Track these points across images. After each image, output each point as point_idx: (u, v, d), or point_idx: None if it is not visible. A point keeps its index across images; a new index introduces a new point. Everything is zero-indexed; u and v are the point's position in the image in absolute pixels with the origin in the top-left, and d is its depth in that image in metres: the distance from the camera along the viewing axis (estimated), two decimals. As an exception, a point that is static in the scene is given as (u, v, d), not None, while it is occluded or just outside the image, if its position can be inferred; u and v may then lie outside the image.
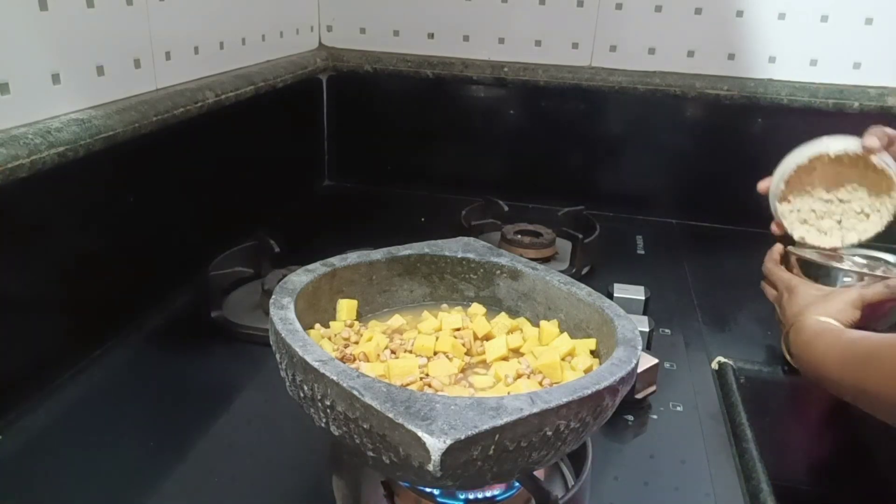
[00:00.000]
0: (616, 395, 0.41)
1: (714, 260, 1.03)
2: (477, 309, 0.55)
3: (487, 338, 0.51)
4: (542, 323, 0.52)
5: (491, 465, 0.36)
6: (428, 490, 0.47)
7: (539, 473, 0.49)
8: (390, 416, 0.35)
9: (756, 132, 1.10)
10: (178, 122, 0.77)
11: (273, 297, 0.46)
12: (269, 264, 0.82)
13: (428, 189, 1.22)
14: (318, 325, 0.49)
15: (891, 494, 0.76)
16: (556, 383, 0.44)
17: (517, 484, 0.48)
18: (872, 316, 0.66)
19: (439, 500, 0.47)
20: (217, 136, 0.90)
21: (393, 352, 0.47)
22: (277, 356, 0.43)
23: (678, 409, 0.66)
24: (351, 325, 0.51)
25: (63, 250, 0.65)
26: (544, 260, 0.93)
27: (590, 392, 0.38)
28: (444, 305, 0.56)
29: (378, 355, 0.46)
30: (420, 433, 0.33)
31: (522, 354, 0.49)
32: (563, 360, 0.47)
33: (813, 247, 0.74)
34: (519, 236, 0.95)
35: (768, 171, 0.76)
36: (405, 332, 0.50)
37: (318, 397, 0.39)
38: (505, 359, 0.48)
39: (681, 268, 0.98)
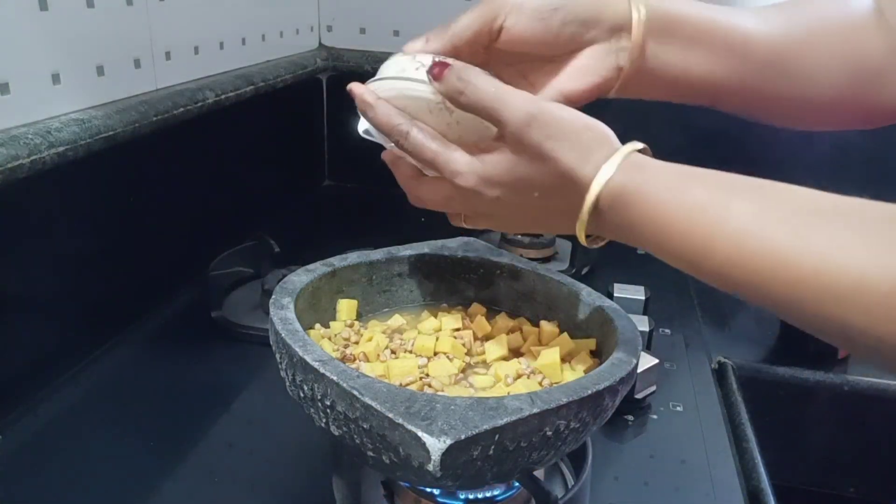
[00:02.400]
0: (616, 395, 0.41)
1: (714, 260, 1.03)
2: (477, 309, 0.55)
3: (487, 338, 0.51)
4: (542, 323, 0.52)
5: (491, 465, 0.36)
6: (428, 490, 0.47)
7: (539, 473, 0.49)
8: (390, 416, 0.35)
9: (757, 132, 1.10)
10: (178, 122, 0.77)
11: (273, 297, 0.46)
12: (269, 264, 0.82)
13: (428, 189, 1.21)
14: (318, 325, 0.49)
15: (891, 493, 0.76)
16: (555, 383, 0.44)
17: (517, 484, 0.48)
18: None
19: (439, 500, 0.47)
20: (217, 136, 0.90)
21: (393, 352, 0.47)
22: (277, 356, 0.43)
23: (678, 409, 0.66)
24: (351, 325, 0.51)
25: (63, 250, 0.65)
26: (544, 260, 0.93)
27: (590, 392, 0.38)
28: (444, 305, 0.56)
29: (378, 355, 0.46)
30: (420, 433, 0.33)
31: (522, 354, 0.49)
32: (563, 360, 0.47)
33: None
34: (519, 236, 0.95)
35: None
36: (405, 332, 0.50)
37: (318, 397, 0.39)
38: (505, 359, 0.48)
39: (681, 268, 0.98)
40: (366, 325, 0.52)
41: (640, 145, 0.39)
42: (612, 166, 0.38)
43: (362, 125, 0.47)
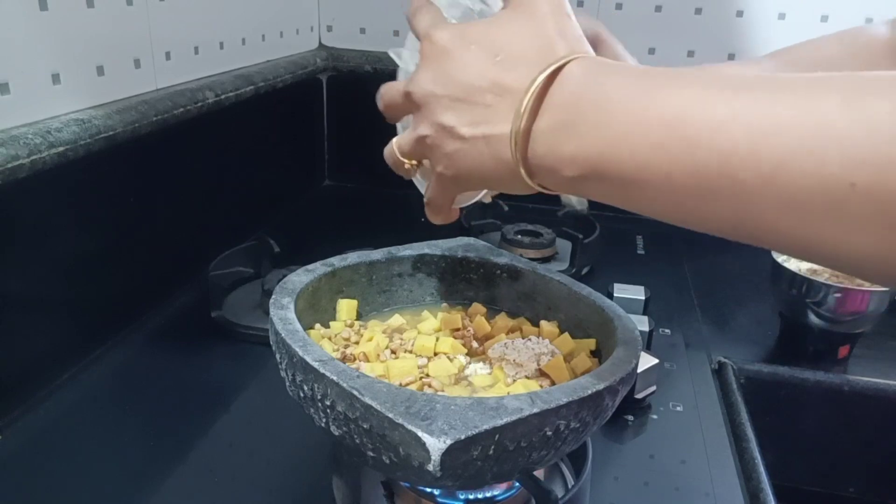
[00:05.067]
0: (616, 395, 0.41)
1: (714, 260, 1.03)
2: (477, 309, 0.55)
3: (487, 338, 0.51)
4: (542, 323, 0.52)
5: (491, 465, 0.36)
6: (428, 490, 0.47)
7: (539, 473, 0.49)
8: (390, 416, 0.34)
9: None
10: (178, 122, 0.77)
11: (273, 297, 0.46)
12: (269, 264, 0.82)
13: (428, 189, 1.21)
14: (318, 325, 0.49)
15: (891, 493, 0.76)
16: (555, 383, 0.44)
17: (517, 484, 0.48)
18: None
19: (439, 500, 0.47)
20: (217, 136, 0.90)
21: (393, 352, 0.47)
22: (277, 356, 0.43)
23: (678, 409, 0.66)
24: (351, 325, 0.51)
25: (63, 250, 0.65)
26: (544, 260, 0.93)
27: (590, 392, 0.38)
28: (444, 305, 0.56)
29: (378, 355, 0.46)
30: (420, 433, 0.33)
31: (522, 354, 0.49)
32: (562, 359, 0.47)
33: None
34: (519, 236, 0.95)
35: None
36: (405, 332, 0.50)
37: (318, 397, 0.39)
38: (505, 359, 0.48)
39: (681, 268, 0.98)
40: (366, 324, 0.52)
41: None
42: (591, 50, 0.36)
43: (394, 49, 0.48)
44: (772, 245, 0.30)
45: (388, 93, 0.43)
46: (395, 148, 0.43)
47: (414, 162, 0.43)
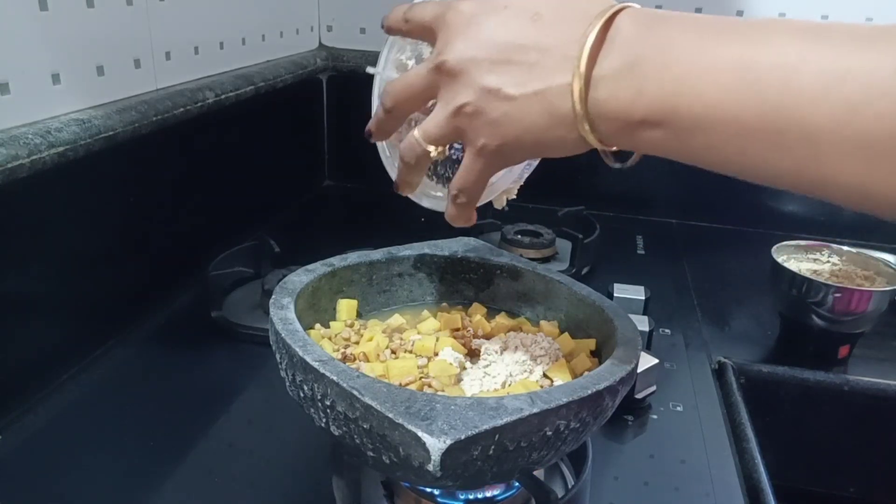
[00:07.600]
0: (616, 395, 0.41)
1: (714, 260, 1.03)
2: (477, 309, 0.55)
3: (487, 338, 0.51)
4: (542, 323, 0.52)
5: (491, 465, 0.36)
6: (428, 490, 0.47)
7: (539, 473, 0.49)
8: (390, 416, 0.35)
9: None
10: (178, 122, 0.77)
11: (273, 297, 0.46)
12: (269, 264, 0.82)
13: (428, 189, 1.21)
14: (318, 325, 0.50)
15: (891, 493, 0.76)
16: (555, 383, 0.44)
17: (517, 484, 0.48)
18: None
19: (439, 500, 0.47)
20: (217, 136, 0.90)
21: (393, 352, 0.47)
22: (277, 356, 0.43)
23: (678, 409, 0.66)
24: (351, 325, 0.51)
25: (63, 250, 0.65)
26: (544, 260, 0.93)
27: (590, 392, 0.38)
28: (444, 305, 0.56)
29: (378, 355, 0.46)
30: (420, 433, 0.33)
31: (522, 354, 0.49)
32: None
33: None
34: (519, 236, 0.95)
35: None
36: (405, 332, 0.50)
37: (318, 397, 0.39)
38: (505, 359, 0.48)
39: (681, 268, 0.98)
40: (366, 324, 0.52)
41: None
42: None
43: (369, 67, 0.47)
44: (829, 193, 0.29)
45: (400, 83, 0.40)
46: (418, 137, 0.40)
47: (440, 149, 0.40)
